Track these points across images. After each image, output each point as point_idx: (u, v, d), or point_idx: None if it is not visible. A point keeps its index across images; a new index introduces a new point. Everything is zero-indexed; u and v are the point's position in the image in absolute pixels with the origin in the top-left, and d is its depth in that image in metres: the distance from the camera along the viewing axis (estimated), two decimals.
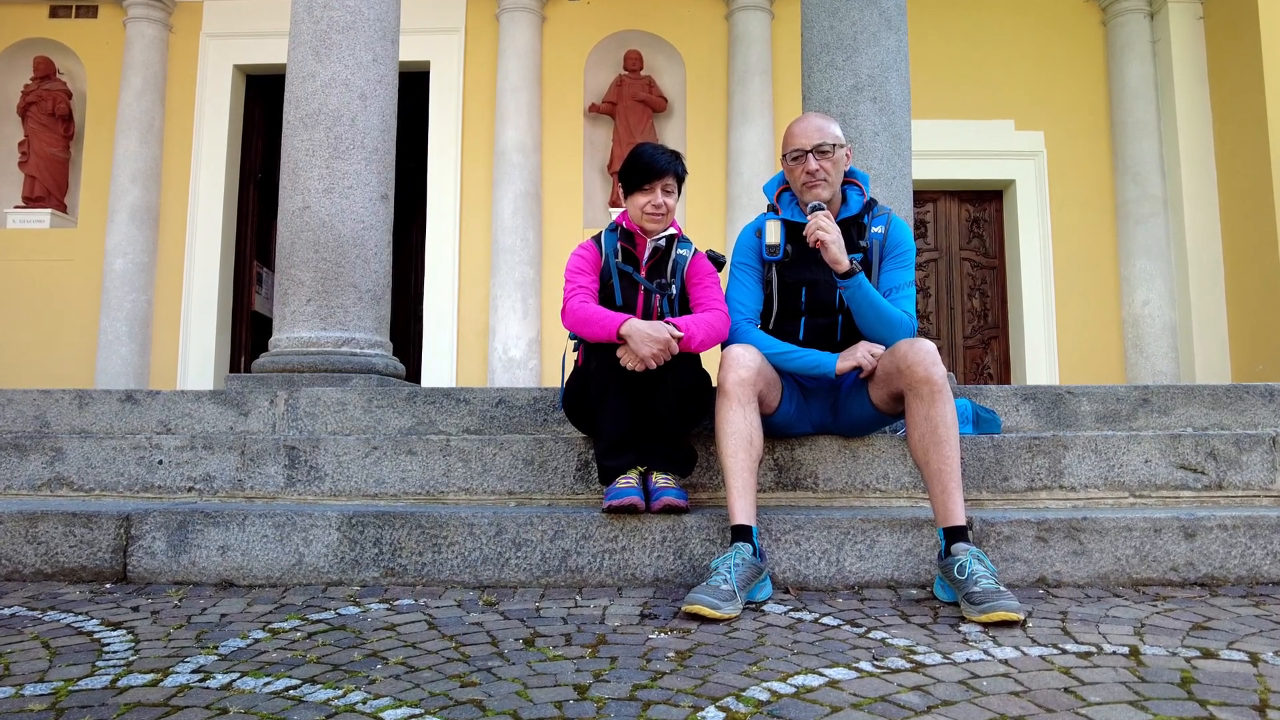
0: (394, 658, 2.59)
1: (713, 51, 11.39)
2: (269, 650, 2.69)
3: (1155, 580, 3.45)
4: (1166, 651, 2.59)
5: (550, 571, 3.52)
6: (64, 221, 11.33)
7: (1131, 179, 10.96)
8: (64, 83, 11.56)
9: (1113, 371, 10.97)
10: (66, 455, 4.34)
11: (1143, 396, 4.79)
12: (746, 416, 3.40)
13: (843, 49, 5.27)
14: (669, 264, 3.90)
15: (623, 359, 3.51)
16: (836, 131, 3.78)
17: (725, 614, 2.96)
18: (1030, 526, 3.48)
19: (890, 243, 3.80)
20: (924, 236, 11.44)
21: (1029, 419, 4.73)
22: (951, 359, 11.24)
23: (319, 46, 5.64)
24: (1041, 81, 11.33)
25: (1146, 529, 3.48)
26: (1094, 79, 11.39)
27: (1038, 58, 11.36)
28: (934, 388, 3.30)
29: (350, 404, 4.79)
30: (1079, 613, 3.05)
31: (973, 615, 2.93)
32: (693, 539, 3.51)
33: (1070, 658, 2.54)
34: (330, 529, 3.59)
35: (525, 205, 10.79)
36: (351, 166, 5.58)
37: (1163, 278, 10.80)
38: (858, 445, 4.03)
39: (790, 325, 3.81)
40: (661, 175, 3.82)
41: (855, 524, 3.50)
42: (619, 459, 3.61)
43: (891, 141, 5.21)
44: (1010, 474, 4.02)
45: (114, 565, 3.62)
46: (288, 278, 5.57)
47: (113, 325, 10.73)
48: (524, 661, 2.54)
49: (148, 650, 2.69)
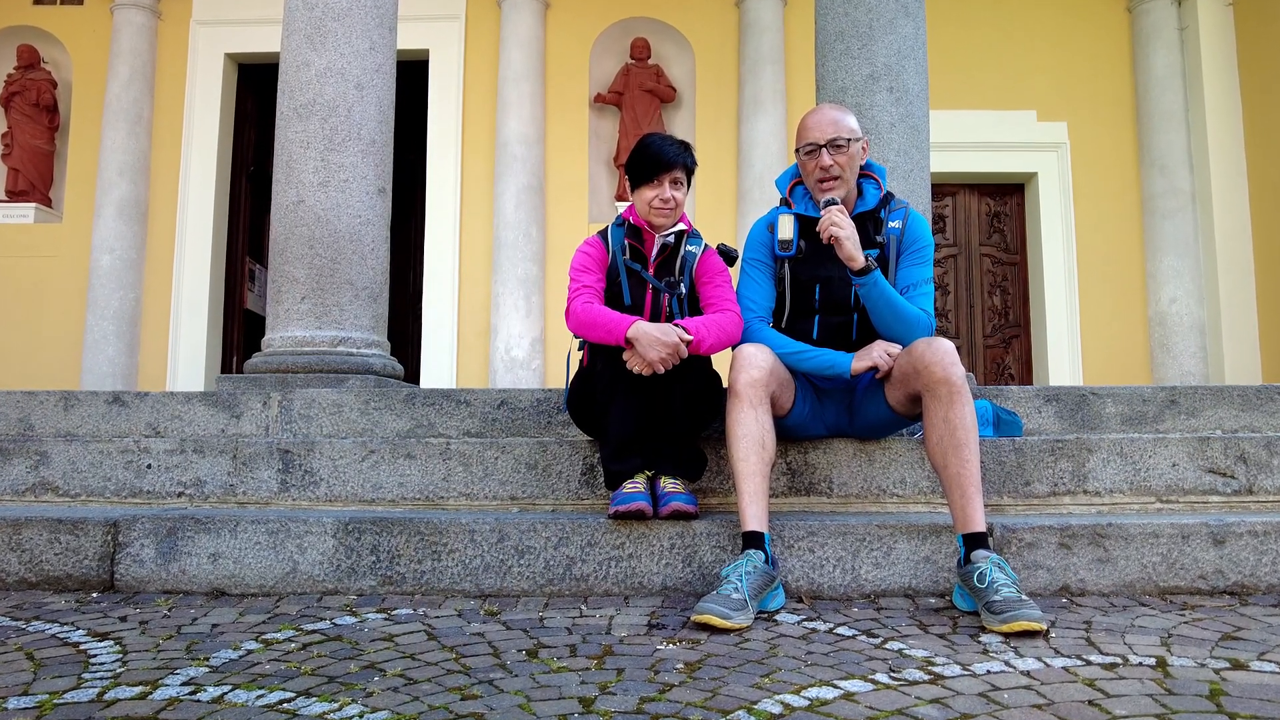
0: (392, 669, 2.60)
1: (723, 39, 11.40)
2: (262, 662, 2.69)
3: (1183, 589, 3.44)
4: (1195, 663, 2.58)
5: (554, 580, 3.52)
6: (49, 216, 11.36)
7: (1158, 172, 10.94)
8: (49, 72, 11.59)
9: (1139, 372, 10.96)
10: (51, 459, 4.35)
11: (1170, 398, 4.78)
12: (758, 419, 3.39)
13: (858, 37, 5.26)
14: (678, 261, 3.89)
15: (630, 363, 3.50)
16: (852, 124, 3.77)
17: (736, 624, 2.96)
18: (1053, 533, 3.48)
19: (908, 238, 3.79)
20: (943, 232, 11.44)
21: (1052, 421, 4.72)
22: (971, 359, 11.24)
23: (313, 34, 5.64)
24: (1064, 70, 11.32)
25: (1174, 535, 3.47)
26: (1119, 68, 11.38)
27: (1060, 45, 11.36)
28: (953, 389, 3.30)
29: (346, 406, 4.79)
30: (1104, 622, 3.04)
31: (993, 625, 2.92)
32: (702, 546, 3.51)
33: (1095, 669, 2.54)
34: (326, 536, 3.59)
35: (528, 199, 10.80)
36: (347, 159, 5.57)
37: (1191, 275, 10.78)
38: (874, 448, 4.03)
39: (804, 324, 3.81)
40: (670, 168, 3.80)
41: (871, 530, 3.49)
42: (626, 463, 3.60)
43: (909, 133, 5.20)
44: (1032, 478, 4.01)
45: (101, 573, 3.63)
46: (281, 274, 5.56)
47: (99, 324, 10.75)
48: (527, 673, 2.55)
49: (136, 662, 2.69)
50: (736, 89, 11.25)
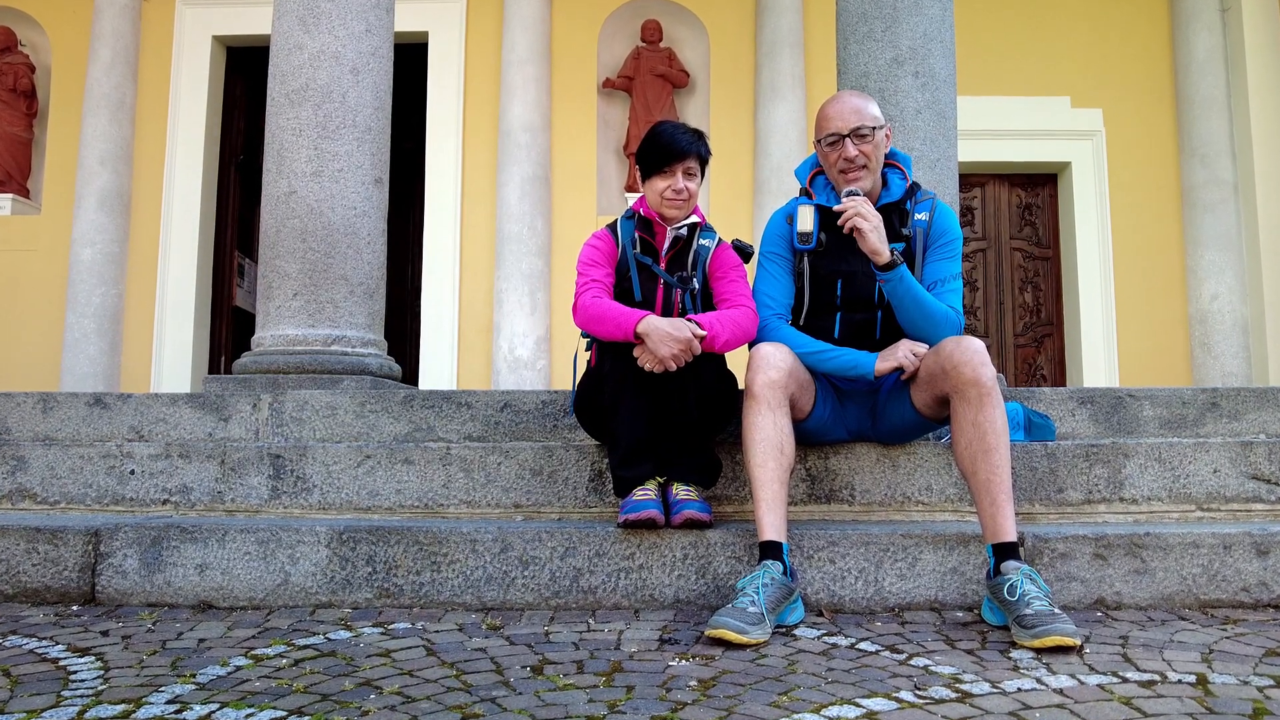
0: (389, 687, 2.60)
1: (739, 21, 11.38)
2: (252, 679, 2.70)
3: (1225, 602, 3.44)
4: (1237, 680, 2.58)
5: (560, 592, 3.53)
6: (26, 208, 11.36)
7: (1199, 161, 10.89)
8: (26, 55, 11.59)
9: (1178, 373, 10.92)
10: (29, 464, 4.36)
11: (1211, 400, 4.77)
12: (776, 422, 3.39)
13: (882, 18, 5.25)
14: (691, 255, 3.89)
15: (640, 360, 3.50)
16: (875, 111, 3.77)
17: (753, 639, 2.96)
18: (1088, 543, 3.47)
19: (935, 231, 3.79)
20: (971, 224, 11.42)
21: (1086, 425, 4.71)
22: (1001, 359, 11.22)
23: (306, 16, 5.64)
24: (1100, 54, 11.28)
25: (1215, 545, 3.47)
26: (1157, 51, 11.34)
27: (1095, 28, 11.32)
28: (982, 390, 3.29)
29: (341, 408, 4.80)
30: (1141, 637, 3.04)
31: (1024, 640, 2.92)
32: (717, 556, 3.51)
33: (1132, 686, 2.54)
34: (319, 545, 3.60)
35: (533, 190, 10.79)
36: (342, 147, 5.58)
37: (1233, 270, 10.73)
38: (898, 453, 4.03)
39: (824, 321, 3.80)
40: (683, 157, 3.80)
41: (895, 540, 3.49)
42: (636, 469, 3.60)
43: (935, 120, 5.19)
44: (1065, 485, 4.01)
45: (81, 585, 3.64)
46: (272, 269, 5.57)
47: (80, 321, 10.73)
48: (532, 691, 2.55)
49: (118, 679, 2.70)
50: (753, 73, 11.23)
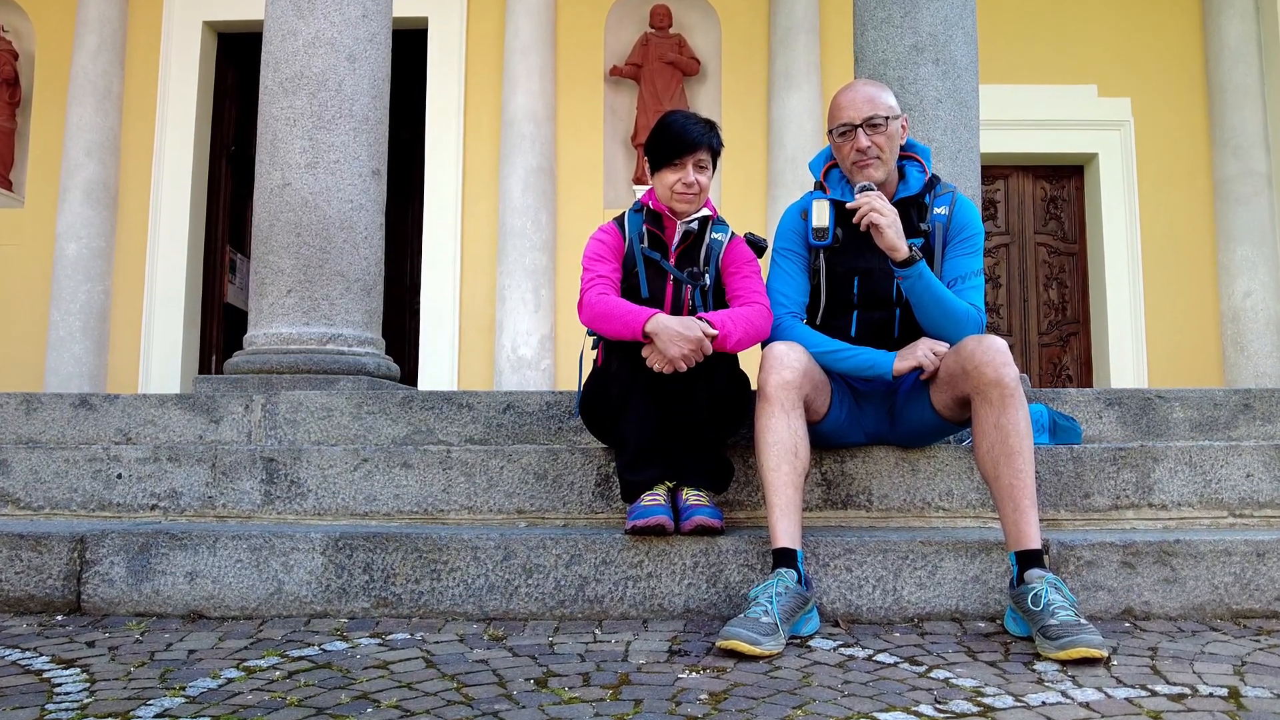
0: (387, 700, 2.61)
1: (752, 6, 11.37)
2: (244, 692, 2.70)
3: (1258, 612, 3.43)
4: (1271, 693, 2.58)
5: (565, 601, 3.53)
6: (9, 201, 11.38)
7: (1231, 153, 10.88)
8: (9, 42, 11.60)
9: (1209, 373, 10.91)
10: (11, 468, 4.36)
11: (1244, 401, 4.76)
12: (790, 424, 3.39)
13: (901, 3, 5.23)
14: (702, 250, 3.88)
15: (649, 360, 3.49)
16: (890, 101, 3.77)
17: (766, 650, 2.97)
18: (1115, 550, 3.47)
19: (955, 226, 3.79)
20: (994, 218, 11.41)
21: (1113, 427, 4.71)
22: (1025, 358, 11.21)
23: (301, 0, 5.65)
24: (1128, 40, 11.27)
25: (1248, 553, 3.46)
26: (1188, 37, 11.33)
27: (1123, 13, 11.30)
28: (1005, 391, 3.29)
29: (337, 410, 4.80)
30: (1171, 649, 3.04)
31: (1049, 652, 2.92)
32: (729, 564, 3.51)
33: (1161, 700, 2.54)
34: (314, 553, 3.60)
35: (537, 183, 10.79)
36: (338, 138, 5.58)
37: (1267, 266, 10.72)
38: (917, 457, 4.02)
39: (840, 320, 3.80)
40: (694, 149, 3.79)
41: (915, 547, 3.49)
42: (644, 473, 3.60)
43: (956, 109, 5.18)
44: (1092, 490, 4.00)
45: (66, 594, 3.64)
46: (265, 265, 5.57)
47: (64, 319, 10.75)
48: (536, 704, 2.55)
49: (105, 691, 2.71)
50: (767, 61, 11.23)
